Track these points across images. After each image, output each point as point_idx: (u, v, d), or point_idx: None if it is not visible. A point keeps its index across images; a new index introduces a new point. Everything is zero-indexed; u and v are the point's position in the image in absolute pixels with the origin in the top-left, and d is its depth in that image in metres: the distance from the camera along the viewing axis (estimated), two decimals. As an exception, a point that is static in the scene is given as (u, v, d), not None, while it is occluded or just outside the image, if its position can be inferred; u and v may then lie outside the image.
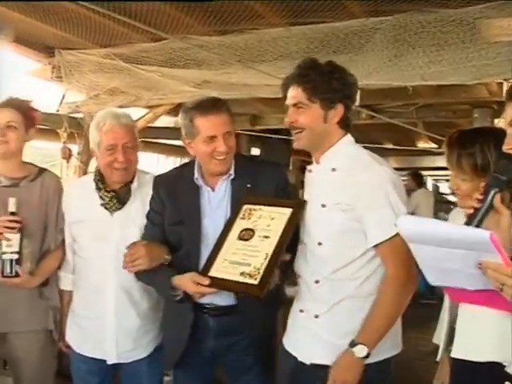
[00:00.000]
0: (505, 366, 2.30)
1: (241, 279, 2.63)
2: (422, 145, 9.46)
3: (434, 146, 8.74)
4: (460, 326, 2.54)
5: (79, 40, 5.08)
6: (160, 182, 3.12)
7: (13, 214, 3.12)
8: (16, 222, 3.11)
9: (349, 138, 2.74)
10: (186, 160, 3.30)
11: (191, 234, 2.94)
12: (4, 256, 3.10)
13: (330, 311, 2.66)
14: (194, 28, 4.56)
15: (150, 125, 6.24)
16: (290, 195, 3.08)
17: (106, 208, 3.15)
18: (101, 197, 3.15)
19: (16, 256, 3.11)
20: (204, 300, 2.87)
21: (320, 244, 2.67)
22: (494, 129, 2.63)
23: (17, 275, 3.11)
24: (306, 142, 2.71)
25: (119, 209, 3.15)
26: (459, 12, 3.82)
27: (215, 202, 2.97)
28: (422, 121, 6.76)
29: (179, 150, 8.24)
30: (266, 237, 2.68)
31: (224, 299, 2.87)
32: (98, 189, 3.17)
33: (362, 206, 2.57)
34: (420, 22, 3.94)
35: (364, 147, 2.82)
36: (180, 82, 5.01)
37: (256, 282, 2.58)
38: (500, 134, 2.23)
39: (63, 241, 3.35)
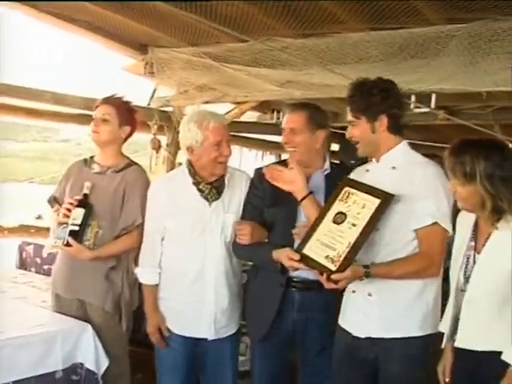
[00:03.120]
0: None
1: (324, 262, 2.90)
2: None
3: (512, 146, 8.68)
4: (463, 316, 2.79)
5: (170, 38, 5.38)
6: (261, 172, 3.45)
7: (85, 195, 3.62)
8: (82, 201, 3.60)
9: (405, 143, 3.14)
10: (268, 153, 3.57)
11: (286, 216, 3.33)
12: (67, 227, 3.59)
13: (381, 290, 2.98)
14: (279, 30, 4.77)
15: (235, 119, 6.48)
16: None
17: (205, 199, 3.47)
18: (200, 189, 3.47)
19: (73, 228, 3.58)
20: (293, 273, 3.27)
21: (377, 230, 2.98)
22: (486, 141, 2.88)
23: (67, 245, 3.57)
24: (363, 150, 3.13)
25: (217, 199, 3.48)
26: (535, 19, 3.95)
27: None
28: (498, 123, 6.78)
29: (262, 144, 8.54)
30: (354, 225, 2.92)
31: (311, 273, 3.16)
32: (197, 182, 3.48)
33: (417, 195, 2.93)
34: (495, 29, 4.08)
35: (440, 147, 3.15)
36: (264, 80, 5.21)
37: (334, 269, 2.84)
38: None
39: (139, 232, 3.67)
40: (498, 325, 2.68)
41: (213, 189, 3.49)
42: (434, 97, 4.98)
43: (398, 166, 3.07)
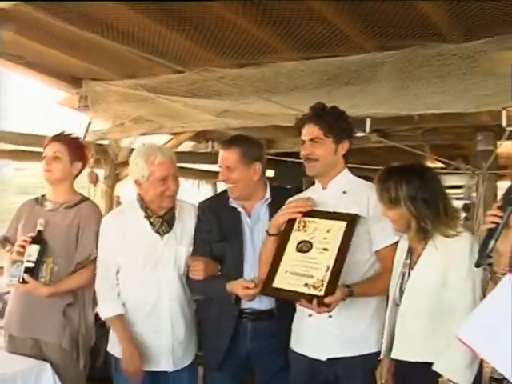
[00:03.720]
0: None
1: (305, 290, 2.91)
2: (430, 165, 9.69)
3: (441, 165, 8.98)
4: (398, 329, 2.94)
5: (105, 71, 5.40)
6: (205, 206, 3.59)
7: (39, 231, 3.60)
8: (36, 238, 3.58)
9: (346, 169, 3.28)
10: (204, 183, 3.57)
11: (234, 250, 3.39)
12: (21, 265, 3.56)
13: (341, 311, 3.03)
14: (214, 61, 4.82)
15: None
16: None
17: (157, 232, 3.49)
18: (151, 223, 3.49)
19: (28, 264, 3.55)
20: (244, 305, 3.32)
21: None
22: (407, 166, 3.02)
23: (23, 282, 3.53)
24: (318, 170, 3.22)
25: (168, 231, 3.50)
26: (460, 46, 4.16)
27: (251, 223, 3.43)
28: (428, 144, 7.03)
29: (199, 174, 8.57)
30: (325, 249, 2.96)
31: (262, 304, 3.27)
32: (148, 216, 3.50)
33: (372, 217, 3.09)
34: (424, 55, 4.26)
35: (373, 169, 3.28)
36: (201, 111, 5.28)
37: (322, 294, 2.86)
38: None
39: (92, 266, 3.64)
40: (429, 336, 2.83)
41: (164, 222, 3.51)
42: (368, 121, 5.12)
43: (348, 191, 3.21)
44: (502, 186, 6.89)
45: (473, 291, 2.75)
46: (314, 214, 3.12)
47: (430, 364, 2.74)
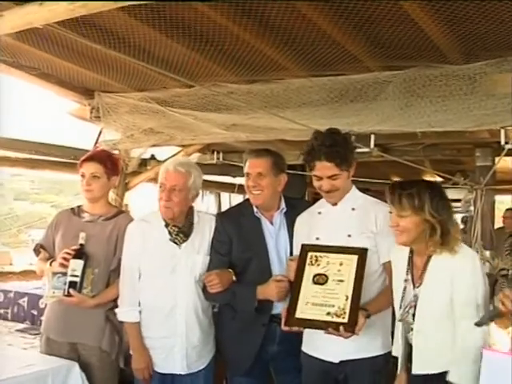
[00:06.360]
0: None
1: (329, 319, 3.10)
2: (429, 179, 9.84)
3: (440, 179, 9.13)
4: (415, 346, 3.06)
5: (117, 84, 5.54)
6: (224, 217, 3.79)
7: (81, 245, 3.72)
8: (79, 252, 3.70)
9: (354, 186, 3.49)
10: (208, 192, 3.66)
11: (260, 258, 3.59)
12: (62, 277, 3.69)
13: None
14: (225, 77, 5.00)
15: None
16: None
17: (174, 241, 3.65)
18: (169, 232, 3.66)
19: (73, 279, 3.67)
20: (275, 311, 3.51)
21: None
22: (421, 180, 3.27)
23: (69, 295, 3.66)
24: (339, 197, 3.41)
25: (185, 241, 3.66)
26: (461, 68, 4.37)
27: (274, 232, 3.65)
28: (428, 158, 7.20)
29: (203, 184, 8.72)
30: (341, 280, 3.17)
31: None
32: (166, 224, 3.67)
33: (380, 232, 3.31)
34: (427, 76, 4.48)
35: (374, 182, 3.50)
36: (211, 124, 5.43)
37: (346, 321, 3.07)
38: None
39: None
40: (443, 348, 2.97)
41: (180, 232, 3.67)
42: (373, 137, 5.29)
43: (356, 207, 3.40)
44: (499, 199, 7.09)
45: (476, 300, 2.90)
46: (323, 249, 3.33)
47: (444, 373, 2.90)
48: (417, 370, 3.04)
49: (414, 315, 3.03)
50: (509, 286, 2.77)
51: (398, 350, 3.19)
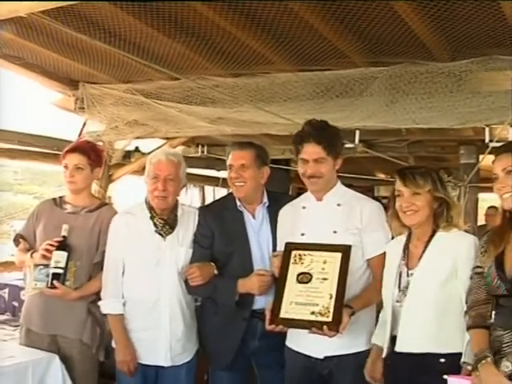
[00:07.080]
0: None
1: (313, 318, 3.10)
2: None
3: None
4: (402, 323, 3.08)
5: (102, 75, 5.48)
6: (206, 211, 3.80)
7: (64, 237, 3.69)
8: (62, 243, 3.68)
9: (339, 181, 3.48)
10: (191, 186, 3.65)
11: (241, 251, 3.58)
12: (44, 269, 3.68)
13: None
14: (210, 70, 4.98)
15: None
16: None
17: (159, 233, 3.65)
18: (155, 224, 3.65)
19: (57, 271, 3.65)
20: (256, 306, 3.52)
21: None
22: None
23: (52, 287, 3.64)
24: (322, 186, 3.39)
25: (171, 233, 3.66)
26: (447, 65, 4.39)
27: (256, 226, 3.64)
28: (412, 155, 7.23)
29: (191, 178, 8.69)
30: (325, 279, 3.17)
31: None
32: (152, 217, 3.66)
33: (366, 228, 3.32)
34: (413, 72, 4.48)
35: (358, 178, 3.52)
36: (196, 117, 5.41)
37: (330, 319, 3.07)
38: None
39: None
40: (436, 328, 2.99)
41: (166, 224, 3.67)
42: (357, 133, 5.30)
43: (342, 203, 3.40)
44: (483, 197, 7.11)
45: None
46: (306, 246, 3.31)
47: (439, 355, 2.93)
48: (400, 347, 3.06)
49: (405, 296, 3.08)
50: (483, 284, 2.78)
51: (378, 336, 3.25)
